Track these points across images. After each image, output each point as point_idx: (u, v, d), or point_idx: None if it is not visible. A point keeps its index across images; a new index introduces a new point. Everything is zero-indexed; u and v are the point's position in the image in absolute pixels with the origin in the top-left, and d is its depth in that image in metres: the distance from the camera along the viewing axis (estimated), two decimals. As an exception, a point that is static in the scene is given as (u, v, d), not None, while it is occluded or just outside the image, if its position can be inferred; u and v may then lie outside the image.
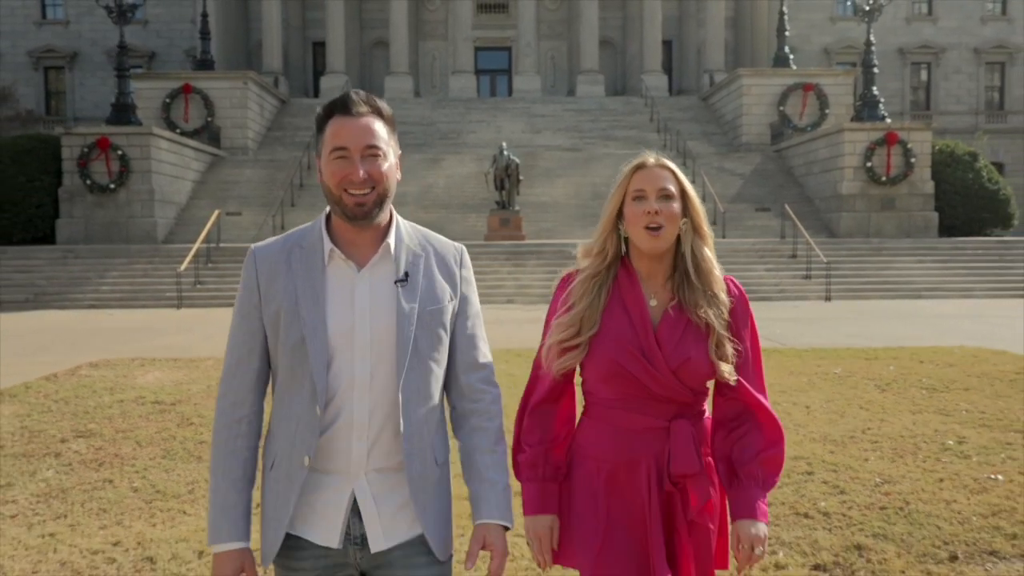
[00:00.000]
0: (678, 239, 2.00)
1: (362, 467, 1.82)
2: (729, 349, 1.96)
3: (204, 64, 31.03)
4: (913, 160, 23.90)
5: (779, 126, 30.24)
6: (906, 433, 5.77)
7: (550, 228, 23.64)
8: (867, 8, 25.93)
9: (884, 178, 23.86)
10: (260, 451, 1.93)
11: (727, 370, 1.96)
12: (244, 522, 1.86)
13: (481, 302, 2.04)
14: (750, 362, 2.02)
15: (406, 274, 1.87)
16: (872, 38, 26.41)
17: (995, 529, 3.91)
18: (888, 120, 25.64)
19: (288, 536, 1.84)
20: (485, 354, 2.02)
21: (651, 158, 2.01)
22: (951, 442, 5.53)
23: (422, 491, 1.85)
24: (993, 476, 4.76)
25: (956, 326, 12.89)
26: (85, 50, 42.01)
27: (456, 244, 2.03)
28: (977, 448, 5.37)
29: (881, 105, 25.73)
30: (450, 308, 1.93)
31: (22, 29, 42.13)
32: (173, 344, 11.30)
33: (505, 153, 21.90)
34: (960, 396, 7.06)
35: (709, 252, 2.00)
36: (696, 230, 1.99)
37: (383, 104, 1.88)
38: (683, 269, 1.99)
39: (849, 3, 27.13)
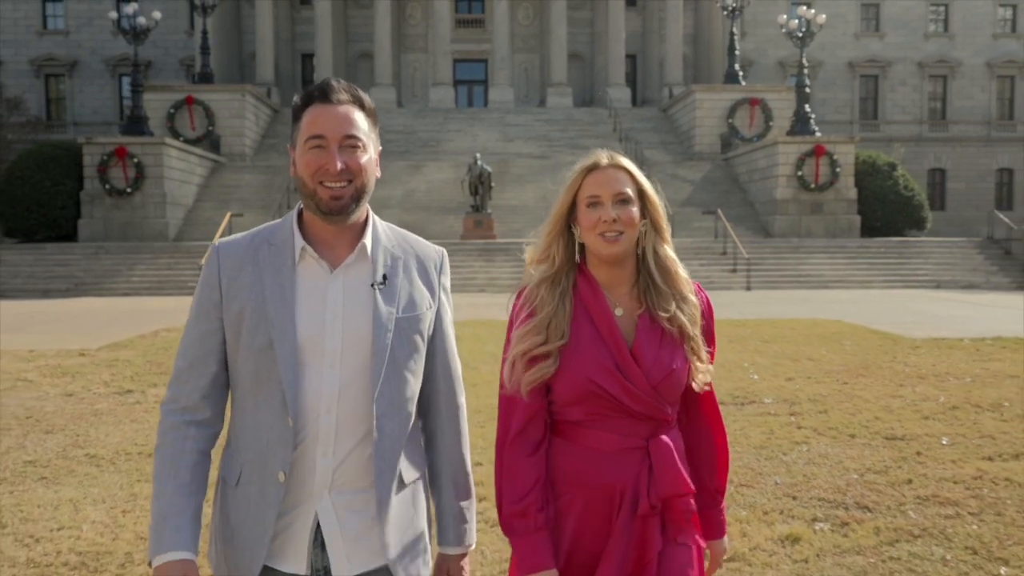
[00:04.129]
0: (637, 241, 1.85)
1: (326, 486, 1.68)
2: (704, 354, 1.87)
3: (205, 77, 33.92)
4: (838, 170, 27.24)
5: (728, 137, 33.57)
6: (722, 360, 8.98)
7: (519, 229, 26.72)
8: (799, 35, 29.26)
9: (813, 185, 27.14)
10: (213, 463, 1.76)
11: (702, 376, 1.86)
12: (190, 530, 1.64)
13: (456, 292, 1.88)
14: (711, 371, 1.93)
15: (384, 277, 1.74)
16: (805, 61, 29.68)
17: (732, 396, 7.15)
18: (819, 134, 28.99)
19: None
20: (457, 366, 1.93)
21: (604, 157, 1.87)
22: (745, 364, 8.81)
23: (388, 510, 1.71)
24: (753, 376, 8.02)
25: (835, 307, 16.18)
26: (84, 59, 44.27)
27: (437, 248, 1.92)
28: (758, 367, 8.65)
29: (812, 120, 29.02)
30: (429, 316, 1.81)
31: (24, 38, 44.31)
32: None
33: (479, 163, 25.09)
34: (780, 345, 10.34)
35: (671, 251, 1.88)
36: (656, 230, 1.87)
37: (365, 95, 1.77)
38: (647, 273, 1.86)
39: (784, 30, 30.18)
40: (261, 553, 1.67)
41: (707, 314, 1.92)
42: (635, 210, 1.82)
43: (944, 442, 5.61)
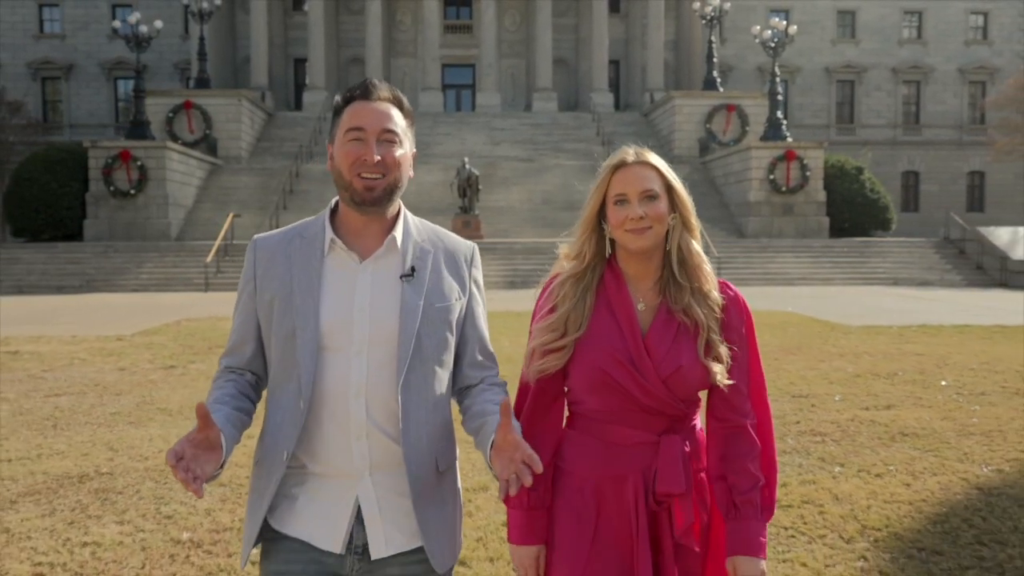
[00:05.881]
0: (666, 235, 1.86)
1: (366, 467, 1.77)
2: (721, 350, 1.84)
3: (202, 82, 35.15)
4: (808, 173, 28.77)
5: (706, 141, 35.09)
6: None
7: (505, 229, 28.14)
8: (772, 45, 30.79)
9: (784, 188, 28.66)
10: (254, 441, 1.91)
11: (719, 371, 1.82)
12: (219, 416, 1.69)
13: (443, 288, 1.89)
14: (747, 372, 1.89)
15: (412, 268, 1.81)
16: (777, 70, 31.21)
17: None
18: (790, 139, 30.51)
19: (285, 537, 1.80)
20: (492, 354, 1.96)
21: (631, 154, 1.88)
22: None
23: (422, 497, 1.79)
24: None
25: (794, 301, 17.66)
26: (80, 62, 45.12)
27: (468, 243, 1.97)
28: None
29: (784, 126, 30.53)
30: (458, 307, 1.87)
31: (21, 42, 45.14)
32: (222, 311, 15.68)
33: (467, 167, 26.50)
34: (732, 331, 11.77)
35: (697, 246, 1.89)
36: (685, 225, 1.88)
37: (403, 97, 1.88)
38: (669, 267, 1.87)
39: (758, 40, 31.67)
40: (258, 521, 1.79)
41: (733, 311, 1.90)
42: (663, 205, 1.84)
43: (837, 399, 7.09)
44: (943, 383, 7.78)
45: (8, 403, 7.18)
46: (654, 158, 1.88)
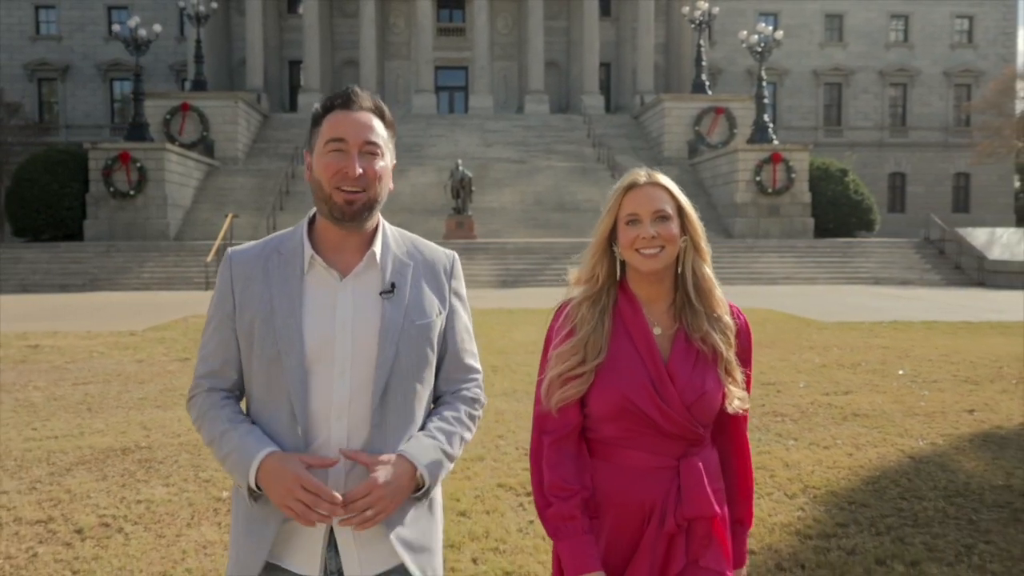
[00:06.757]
0: (677, 258, 1.87)
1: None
2: (739, 376, 1.88)
3: (198, 84, 35.72)
4: (794, 175, 29.52)
5: (695, 143, 35.80)
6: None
7: (498, 229, 28.80)
8: (759, 50, 31.52)
9: (770, 190, 29.40)
10: None
11: (738, 397, 1.88)
12: (254, 435, 1.72)
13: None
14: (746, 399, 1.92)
15: (392, 285, 1.77)
16: (764, 74, 31.94)
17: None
18: (776, 142, 31.24)
19: (265, 564, 1.74)
20: (469, 367, 1.93)
21: (642, 175, 1.89)
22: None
23: (398, 520, 1.75)
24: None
25: (777, 300, 18.34)
26: (76, 64, 45.67)
27: (448, 252, 1.92)
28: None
29: (771, 129, 31.29)
30: (439, 323, 1.83)
31: (18, 44, 45.66)
32: (226, 309, 16.28)
33: (460, 169, 27.16)
34: (712, 327, 12.46)
35: (708, 270, 1.92)
36: (695, 248, 1.90)
37: (386, 107, 1.82)
38: (684, 291, 1.89)
39: (745, 44, 32.38)
40: (262, 554, 1.72)
41: (743, 336, 1.93)
42: (674, 227, 1.84)
43: (801, 386, 7.77)
44: (900, 372, 8.47)
45: (40, 391, 7.81)
46: (666, 180, 1.89)
